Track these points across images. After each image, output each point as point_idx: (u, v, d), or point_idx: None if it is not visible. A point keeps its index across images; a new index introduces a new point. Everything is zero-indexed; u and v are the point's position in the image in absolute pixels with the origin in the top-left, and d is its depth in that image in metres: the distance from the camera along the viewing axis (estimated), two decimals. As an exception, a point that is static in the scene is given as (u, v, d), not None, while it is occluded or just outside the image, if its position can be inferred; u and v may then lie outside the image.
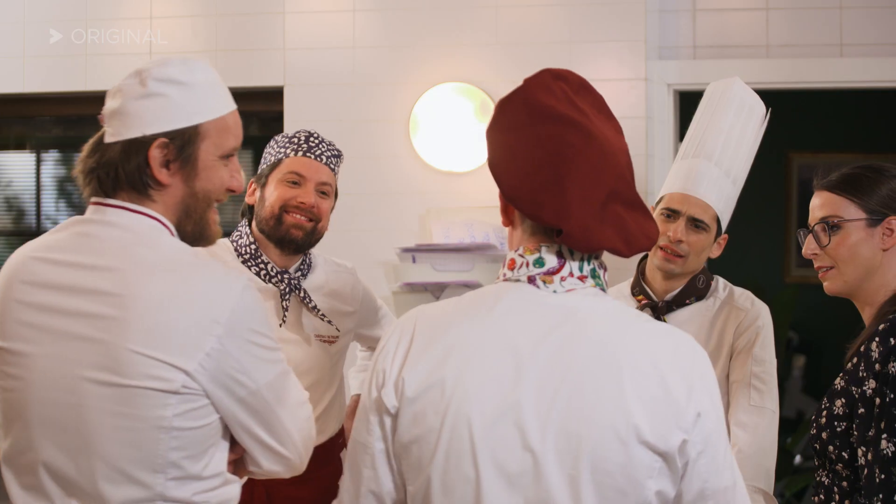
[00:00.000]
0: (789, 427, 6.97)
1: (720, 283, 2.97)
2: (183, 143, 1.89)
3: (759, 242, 7.01)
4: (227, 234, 3.01)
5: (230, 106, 1.97)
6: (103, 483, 1.82)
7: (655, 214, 2.88)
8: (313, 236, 2.89)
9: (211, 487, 1.90)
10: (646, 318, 1.70)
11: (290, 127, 4.19)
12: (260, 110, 4.69)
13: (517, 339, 1.62)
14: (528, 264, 1.67)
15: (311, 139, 2.91)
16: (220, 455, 1.92)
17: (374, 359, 1.72)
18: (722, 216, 2.88)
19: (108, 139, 1.91)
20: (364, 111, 4.37)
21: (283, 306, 2.86)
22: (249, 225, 2.93)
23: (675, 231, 2.83)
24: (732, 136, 2.92)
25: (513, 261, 1.69)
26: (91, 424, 1.81)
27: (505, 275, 1.70)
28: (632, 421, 1.56)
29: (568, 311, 1.63)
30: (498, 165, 1.68)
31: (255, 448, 1.94)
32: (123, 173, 1.89)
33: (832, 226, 2.31)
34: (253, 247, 2.88)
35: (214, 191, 1.95)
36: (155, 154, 1.88)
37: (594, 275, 1.68)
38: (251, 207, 2.94)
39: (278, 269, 2.87)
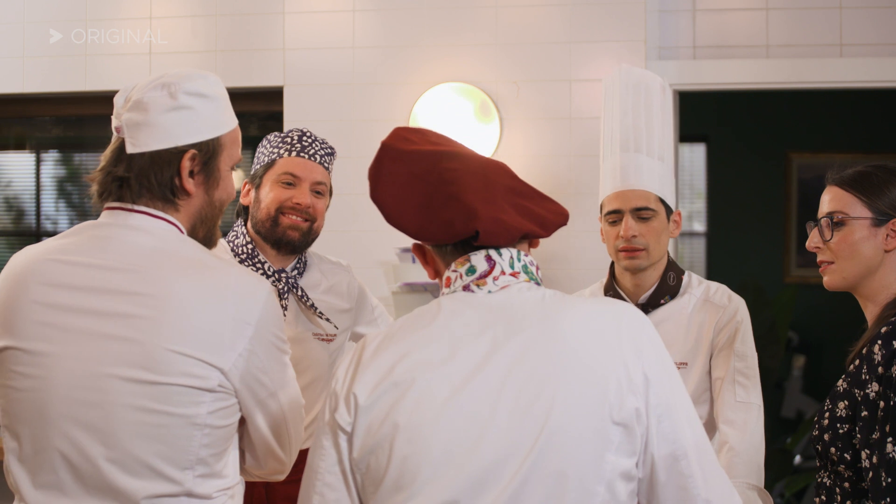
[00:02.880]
0: (789, 427, 6.96)
1: (693, 278, 2.95)
2: (208, 155, 1.98)
3: (759, 242, 7.01)
4: (223, 234, 3.02)
5: (235, 118, 2.06)
6: (128, 478, 1.86)
7: (602, 224, 2.88)
8: (310, 236, 2.89)
9: (230, 485, 1.96)
10: (584, 298, 1.74)
11: (289, 127, 4.18)
12: (260, 110, 4.69)
13: (461, 339, 1.66)
14: (461, 276, 1.72)
15: (305, 139, 2.91)
16: (234, 454, 1.99)
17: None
18: (664, 195, 2.87)
19: (131, 150, 1.96)
20: (364, 111, 4.36)
21: (282, 305, 2.86)
22: (245, 225, 2.93)
23: (625, 229, 2.81)
24: (639, 118, 2.90)
25: (448, 279, 1.74)
26: (118, 422, 1.85)
27: (442, 292, 1.75)
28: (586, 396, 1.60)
29: (504, 307, 1.68)
30: (394, 217, 1.73)
31: (262, 449, 2.03)
32: (156, 182, 1.96)
33: (836, 222, 2.31)
34: (249, 247, 2.89)
35: (227, 200, 2.05)
36: (186, 164, 1.96)
37: (526, 270, 1.72)
38: (246, 208, 2.94)
39: (275, 269, 2.88)
